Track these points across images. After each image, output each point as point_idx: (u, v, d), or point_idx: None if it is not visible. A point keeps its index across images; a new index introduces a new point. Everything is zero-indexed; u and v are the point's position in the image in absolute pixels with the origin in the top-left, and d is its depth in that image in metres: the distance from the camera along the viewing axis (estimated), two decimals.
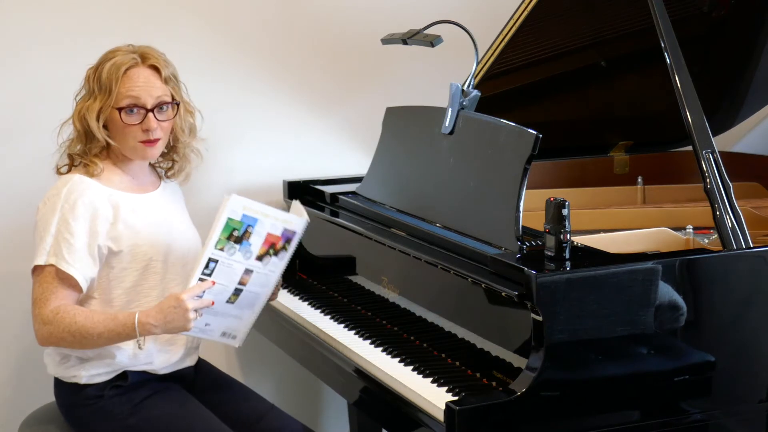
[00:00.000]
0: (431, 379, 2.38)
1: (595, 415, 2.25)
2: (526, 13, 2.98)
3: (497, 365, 2.35)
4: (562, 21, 3.15)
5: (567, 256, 2.29)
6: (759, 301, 2.39)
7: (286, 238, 2.53)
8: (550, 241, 2.31)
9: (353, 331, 2.73)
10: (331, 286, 3.08)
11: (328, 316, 2.86)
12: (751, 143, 3.78)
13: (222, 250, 2.44)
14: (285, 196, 3.33)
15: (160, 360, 2.59)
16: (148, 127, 2.54)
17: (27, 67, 3.16)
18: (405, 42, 2.86)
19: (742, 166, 3.26)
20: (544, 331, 2.18)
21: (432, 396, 2.30)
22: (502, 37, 3.04)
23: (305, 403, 3.57)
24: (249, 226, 2.46)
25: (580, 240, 2.52)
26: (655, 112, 3.24)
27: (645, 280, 2.26)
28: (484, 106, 2.75)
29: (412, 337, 2.64)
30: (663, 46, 2.57)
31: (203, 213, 2.97)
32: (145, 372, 2.58)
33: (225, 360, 3.42)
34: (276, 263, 2.54)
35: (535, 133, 2.44)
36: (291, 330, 2.93)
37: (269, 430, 2.64)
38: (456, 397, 2.26)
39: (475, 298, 2.40)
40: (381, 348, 2.59)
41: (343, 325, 2.78)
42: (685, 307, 2.30)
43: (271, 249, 2.52)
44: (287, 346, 3.05)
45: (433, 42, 2.77)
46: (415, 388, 2.35)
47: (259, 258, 2.51)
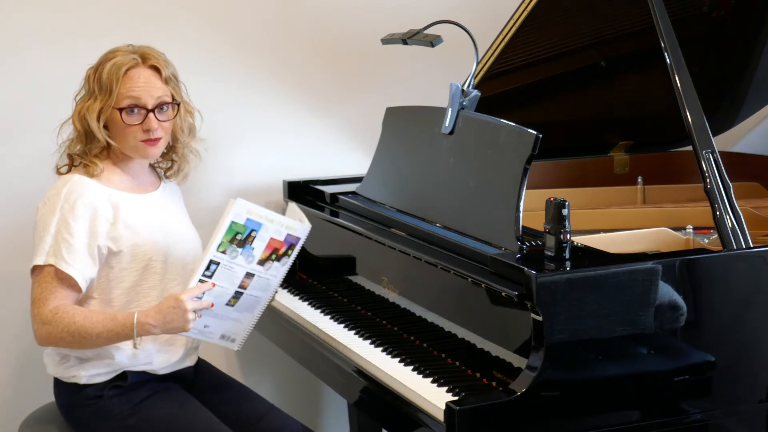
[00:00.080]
0: (431, 379, 2.38)
1: (595, 415, 2.25)
2: (526, 13, 2.98)
3: (497, 365, 2.35)
4: (562, 21, 3.15)
5: (567, 256, 2.29)
6: (759, 301, 2.39)
7: (289, 243, 2.53)
8: (550, 241, 2.31)
9: (353, 331, 2.73)
10: (331, 286, 3.08)
11: (328, 316, 2.86)
12: (751, 143, 3.78)
13: (224, 252, 2.44)
14: (285, 196, 3.33)
15: (160, 360, 2.59)
16: (149, 127, 2.54)
17: (27, 67, 3.16)
18: (405, 42, 2.86)
19: (742, 166, 3.26)
20: (544, 331, 2.18)
21: (432, 396, 2.30)
22: (502, 37, 3.04)
23: (305, 403, 3.57)
24: (253, 231, 2.46)
25: (580, 240, 2.52)
26: (655, 112, 3.24)
27: (645, 280, 2.26)
28: (484, 106, 2.75)
29: (412, 337, 2.64)
30: (663, 46, 2.57)
31: (203, 213, 2.97)
32: (144, 372, 2.58)
33: (225, 360, 3.42)
34: (278, 268, 2.54)
35: (535, 133, 2.44)
36: (291, 330, 2.92)
37: (269, 430, 2.64)
38: (456, 397, 2.25)
39: (475, 298, 2.40)
40: (381, 348, 2.59)
41: (343, 325, 2.78)
42: (685, 307, 2.30)
43: (274, 254, 2.52)
44: (287, 346, 3.05)
45: (433, 42, 2.77)
46: (415, 388, 2.35)
47: (261, 262, 2.50)
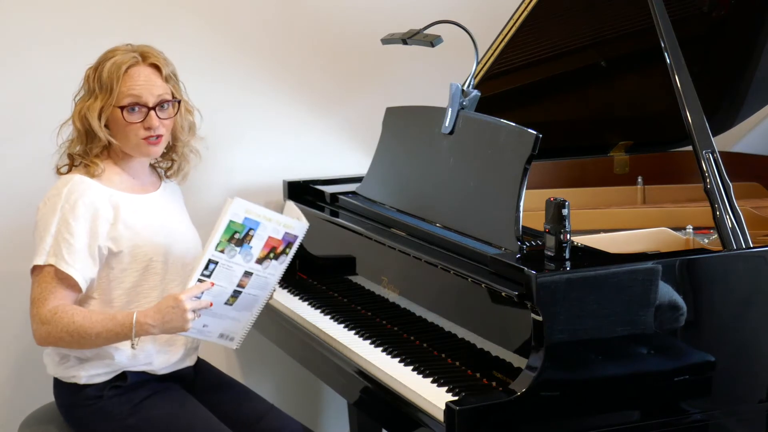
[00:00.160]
0: (431, 379, 2.38)
1: (595, 415, 2.25)
2: (526, 13, 2.98)
3: (497, 365, 2.34)
4: (562, 21, 3.15)
5: (567, 256, 2.29)
6: (759, 301, 2.39)
7: (287, 242, 2.53)
8: (550, 241, 2.31)
9: (353, 331, 2.73)
10: (331, 286, 3.07)
11: (328, 316, 2.86)
12: (751, 143, 3.78)
13: (222, 252, 2.44)
14: (285, 197, 3.33)
15: (160, 360, 2.59)
16: (151, 125, 2.54)
17: (27, 67, 3.15)
18: (405, 42, 2.86)
19: (742, 166, 3.26)
20: (544, 331, 2.18)
21: (432, 396, 2.30)
22: (502, 37, 3.04)
23: (305, 403, 3.57)
24: (251, 230, 2.46)
25: (580, 240, 2.52)
26: (655, 112, 3.24)
27: (645, 280, 2.26)
28: (484, 106, 2.75)
29: (412, 337, 2.64)
30: (663, 46, 2.57)
31: (203, 213, 2.97)
32: (144, 372, 2.58)
33: (225, 360, 3.42)
34: (276, 267, 2.54)
35: (535, 133, 2.44)
36: (291, 330, 2.92)
37: (269, 430, 2.64)
38: (456, 397, 2.25)
39: (475, 298, 2.40)
40: (381, 348, 2.59)
41: (343, 325, 2.78)
42: (685, 307, 2.30)
43: (272, 253, 2.52)
44: (287, 346, 3.05)
45: (433, 42, 2.77)
46: (415, 388, 2.35)
47: (259, 261, 2.51)
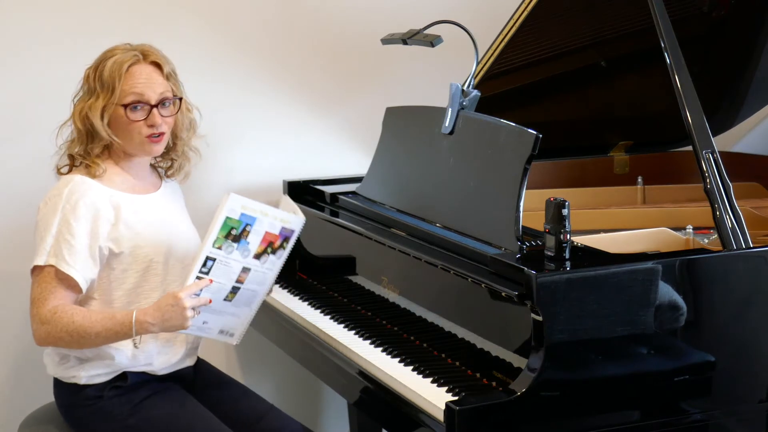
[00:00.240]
0: (431, 379, 2.38)
1: (595, 415, 2.25)
2: (526, 13, 2.98)
3: (497, 365, 2.34)
4: (562, 21, 3.15)
5: (567, 256, 2.29)
6: (759, 301, 2.39)
7: (284, 236, 2.53)
8: (550, 241, 2.31)
9: (353, 331, 2.73)
10: (331, 286, 3.07)
11: (328, 316, 2.86)
12: (751, 143, 3.78)
13: (220, 248, 2.44)
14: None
15: (160, 361, 2.59)
16: (154, 122, 2.54)
17: (27, 67, 3.16)
18: (405, 42, 2.86)
19: (742, 166, 3.26)
20: (544, 331, 2.17)
21: (432, 396, 2.30)
22: (502, 37, 3.04)
23: (305, 403, 3.57)
24: (247, 225, 2.46)
25: (580, 240, 2.52)
26: (655, 112, 3.24)
27: (645, 280, 2.26)
28: (484, 106, 2.75)
29: (412, 337, 2.64)
30: (663, 46, 2.57)
31: (203, 213, 2.97)
32: (144, 373, 2.58)
33: (225, 360, 3.42)
34: (274, 261, 2.54)
35: (535, 133, 2.44)
36: (291, 330, 2.92)
37: (269, 430, 2.64)
38: (456, 397, 2.25)
39: (475, 298, 2.40)
40: (381, 348, 2.59)
41: (343, 325, 2.78)
42: (685, 307, 2.30)
43: (269, 247, 2.52)
44: (287, 346, 3.05)
45: (433, 42, 2.77)
46: (415, 388, 2.35)
47: (257, 256, 2.50)
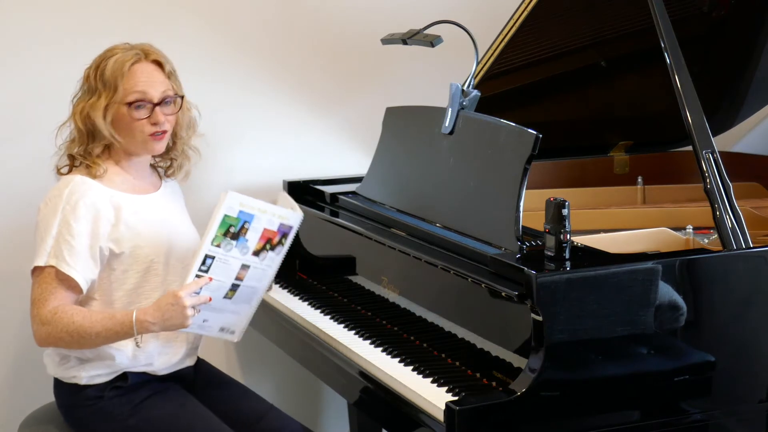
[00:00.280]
0: (431, 379, 2.38)
1: (595, 415, 2.25)
2: (526, 13, 2.98)
3: (497, 365, 2.34)
4: (562, 21, 3.15)
5: (567, 256, 2.29)
6: (759, 301, 2.39)
7: (283, 233, 2.53)
8: (550, 241, 2.31)
9: (353, 331, 2.73)
10: (331, 286, 3.07)
11: (328, 316, 2.86)
12: (751, 143, 3.78)
13: (219, 246, 2.44)
14: None
15: (161, 361, 2.59)
16: (157, 120, 2.54)
17: (27, 67, 3.15)
18: (405, 42, 2.86)
19: (742, 166, 3.26)
20: (544, 331, 2.17)
21: (432, 396, 2.30)
22: (502, 37, 3.04)
23: (305, 403, 3.57)
24: (245, 222, 2.46)
25: (580, 240, 2.52)
26: (655, 112, 3.24)
27: (645, 280, 2.26)
28: (484, 106, 2.75)
29: (412, 337, 2.64)
30: (663, 46, 2.57)
31: (203, 213, 2.95)
32: (145, 373, 2.58)
33: (225, 360, 3.42)
34: (273, 258, 2.54)
35: (535, 133, 2.44)
36: (291, 330, 2.92)
37: (269, 430, 2.64)
38: (456, 397, 2.25)
39: (475, 298, 2.40)
40: (381, 348, 2.59)
41: (343, 325, 2.78)
42: (685, 307, 2.30)
43: (268, 244, 2.52)
44: (287, 346, 3.05)
45: (433, 42, 2.77)
46: (415, 388, 2.35)
47: (256, 253, 2.50)
